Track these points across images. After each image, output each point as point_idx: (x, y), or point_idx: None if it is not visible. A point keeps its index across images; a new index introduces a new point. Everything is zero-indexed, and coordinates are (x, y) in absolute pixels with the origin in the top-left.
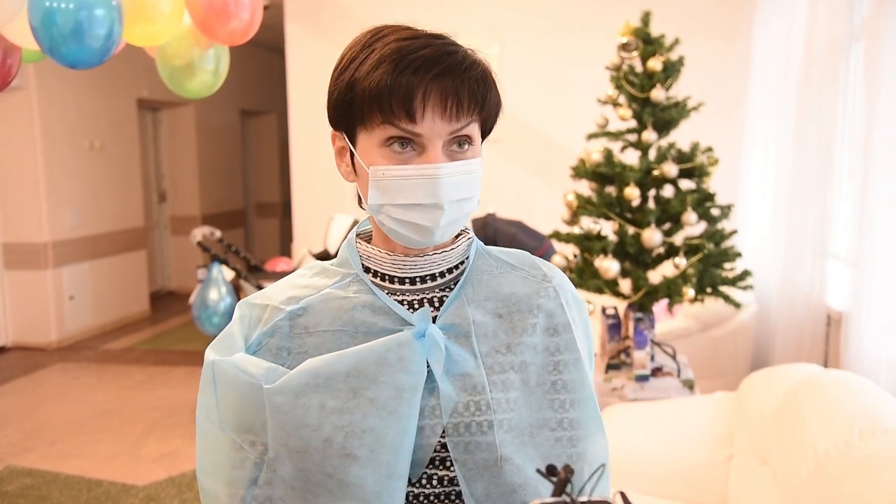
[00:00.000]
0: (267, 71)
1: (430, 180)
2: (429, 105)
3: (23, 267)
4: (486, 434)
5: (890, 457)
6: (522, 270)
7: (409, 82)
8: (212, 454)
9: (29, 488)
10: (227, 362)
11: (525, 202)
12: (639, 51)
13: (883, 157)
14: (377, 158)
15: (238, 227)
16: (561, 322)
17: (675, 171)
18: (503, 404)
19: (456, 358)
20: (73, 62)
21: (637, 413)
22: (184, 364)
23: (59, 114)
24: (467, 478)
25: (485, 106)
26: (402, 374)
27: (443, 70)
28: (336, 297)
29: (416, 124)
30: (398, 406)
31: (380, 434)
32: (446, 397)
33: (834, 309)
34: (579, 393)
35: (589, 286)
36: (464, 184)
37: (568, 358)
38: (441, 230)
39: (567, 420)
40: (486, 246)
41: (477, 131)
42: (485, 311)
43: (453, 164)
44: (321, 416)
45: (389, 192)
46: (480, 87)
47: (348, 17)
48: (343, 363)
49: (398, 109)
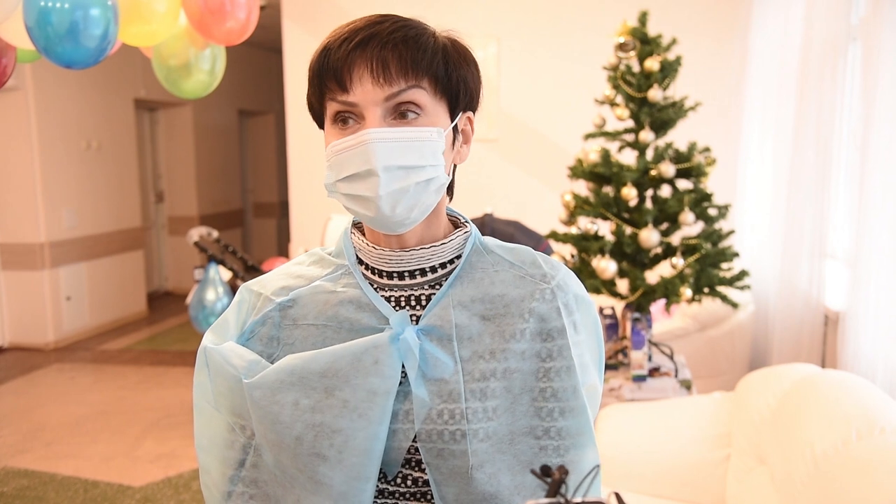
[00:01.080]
0: (264, 71)
1: (363, 146)
2: (355, 72)
3: (19, 267)
4: (458, 443)
5: (887, 456)
6: (521, 269)
7: (337, 54)
8: (208, 431)
9: (25, 489)
10: (217, 350)
11: (522, 202)
12: (636, 51)
13: (880, 156)
14: (330, 138)
15: (235, 228)
16: (555, 327)
17: (672, 171)
18: (479, 413)
19: (434, 362)
20: (69, 62)
21: (635, 413)
22: (181, 364)
23: (55, 114)
24: (438, 482)
25: (421, 69)
26: (375, 378)
27: (367, 37)
28: (324, 291)
29: (349, 93)
30: (369, 409)
31: (349, 436)
32: (419, 403)
33: (831, 309)
34: (570, 402)
35: (586, 286)
36: (406, 150)
37: (559, 365)
38: (385, 200)
39: (554, 429)
40: (486, 240)
41: (426, 98)
42: (471, 314)
43: (386, 130)
44: (294, 413)
45: (336, 168)
46: (411, 48)
47: (344, 17)
48: (318, 362)
49: (330, 82)
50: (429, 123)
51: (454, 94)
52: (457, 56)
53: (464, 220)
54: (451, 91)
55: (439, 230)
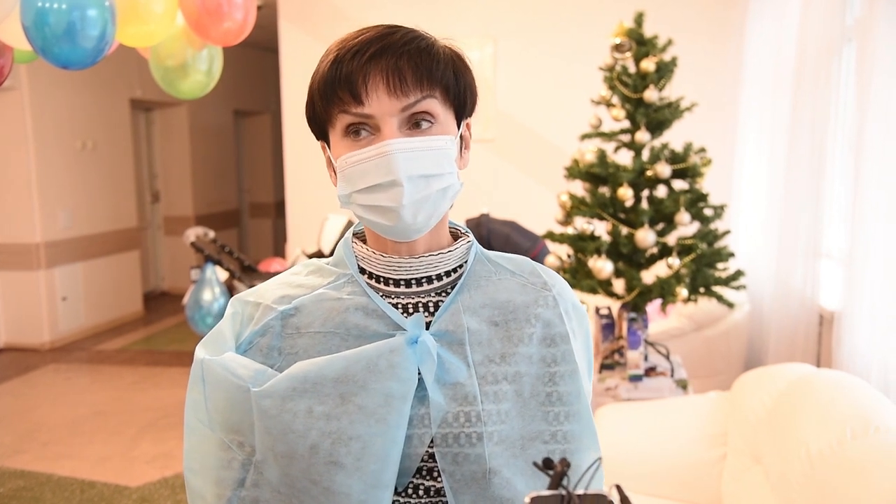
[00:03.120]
0: (261, 71)
1: (384, 157)
2: (371, 84)
3: (15, 267)
4: (475, 446)
5: (882, 455)
6: (522, 277)
7: (350, 66)
8: (199, 452)
9: (21, 490)
10: (216, 362)
11: (519, 202)
12: (632, 51)
13: (875, 156)
14: (342, 150)
15: (232, 228)
16: (559, 332)
17: (668, 172)
18: (494, 416)
19: (448, 366)
20: (66, 63)
21: (631, 413)
22: (177, 365)
23: (51, 114)
24: (454, 489)
25: (434, 79)
26: (391, 382)
27: (381, 48)
28: (329, 298)
29: (364, 105)
30: (387, 414)
31: (367, 442)
32: (436, 407)
33: (826, 308)
34: (574, 405)
35: (582, 286)
36: (425, 159)
37: (564, 370)
38: (407, 210)
39: (561, 433)
40: (485, 250)
41: (438, 107)
42: (480, 319)
43: (407, 140)
44: (308, 421)
45: (353, 180)
46: (424, 59)
47: (342, 18)
48: (332, 368)
49: (344, 95)
50: (441, 132)
51: (462, 102)
52: (462, 64)
53: (463, 230)
54: (460, 99)
55: (444, 238)
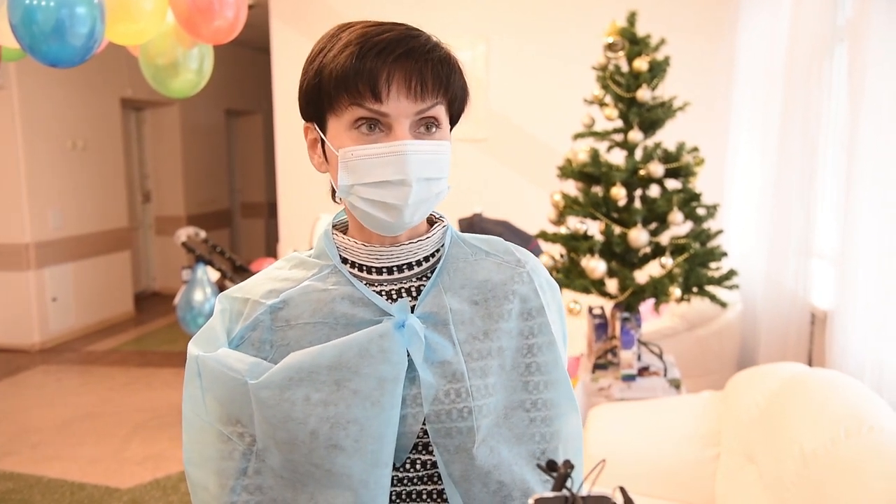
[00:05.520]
0: (252, 70)
1: (399, 157)
2: (393, 84)
3: (5, 268)
4: (465, 420)
5: (875, 454)
6: (497, 256)
7: (374, 63)
8: (199, 445)
9: (11, 492)
10: (212, 358)
11: (512, 202)
12: (625, 51)
13: (866, 156)
14: (346, 141)
15: (223, 228)
16: (535, 306)
17: (661, 171)
18: (481, 390)
19: (435, 346)
20: (54, 61)
21: (624, 412)
22: (169, 365)
23: (41, 113)
24: (446, 460)
25: (449, 88)
26: (383, 365)
27: (406, 51)
28: (316, 290)
29: (383, 104)
30: (381, 396)
31: (364, 424)
32: (427, 386)
33: (818, 308)
34: (553, 374)
35: (575, 286)
36: (432, 163)
37: (542, 341)
38: (410, 209)
39: (541, 401)
40: (460, 233)
41: (443, 114)
42: (461, 299)
43: (421, 142)
44: (306, 408)
45: (359, 172)
46: (444, 68)
47: (334, 17)
48: (325, 356)
49: (364, 90)
50: (443, 137)
51: (459, 111)
52: (456, 67)
53: (438, 215)
54: (458, 106)
55: (423, 226)
